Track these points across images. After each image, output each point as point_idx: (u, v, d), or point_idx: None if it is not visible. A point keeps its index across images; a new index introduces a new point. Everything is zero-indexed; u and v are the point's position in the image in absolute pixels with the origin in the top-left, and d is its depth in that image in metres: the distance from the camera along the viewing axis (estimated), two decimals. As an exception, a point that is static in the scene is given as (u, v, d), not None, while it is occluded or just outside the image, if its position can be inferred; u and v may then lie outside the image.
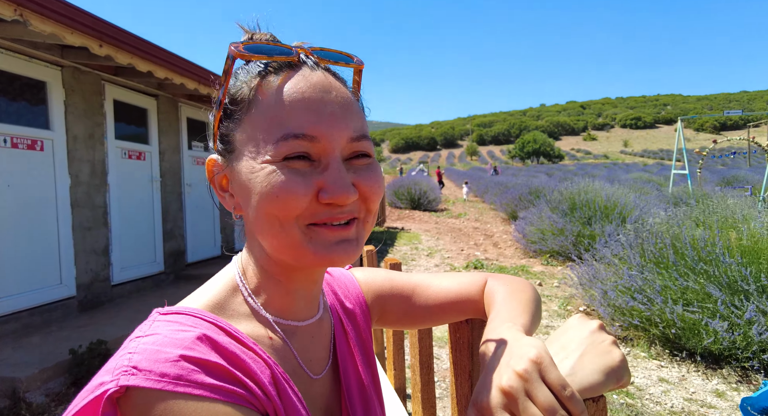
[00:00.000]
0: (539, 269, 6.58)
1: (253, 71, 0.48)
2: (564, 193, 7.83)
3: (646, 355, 3.51)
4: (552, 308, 4.72)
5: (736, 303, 3.17)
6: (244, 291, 0.50)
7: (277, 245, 0.46)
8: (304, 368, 0.51)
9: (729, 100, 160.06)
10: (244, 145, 0.46)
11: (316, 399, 0.51)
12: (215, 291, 0.50)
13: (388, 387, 1.07)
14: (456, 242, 9.18)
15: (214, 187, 0.51)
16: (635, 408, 2.76)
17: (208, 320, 0.44)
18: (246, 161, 0.46)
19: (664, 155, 67.06)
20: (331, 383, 0.55)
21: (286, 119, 0.44)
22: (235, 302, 0.49)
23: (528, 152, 67.77)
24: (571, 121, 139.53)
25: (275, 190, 0.43)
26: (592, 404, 0.41)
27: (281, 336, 0.50)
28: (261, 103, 0.46)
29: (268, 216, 0.44)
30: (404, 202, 15.75)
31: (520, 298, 0.62)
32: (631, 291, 3.69)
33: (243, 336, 0.45)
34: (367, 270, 0.70)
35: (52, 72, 3.77)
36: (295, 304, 0.52)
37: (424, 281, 0.68)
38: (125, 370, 0.36)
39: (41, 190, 3.66)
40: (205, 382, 0.37)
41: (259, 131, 0.45)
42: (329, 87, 0.47)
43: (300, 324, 0.52)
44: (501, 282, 0.66)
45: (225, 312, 0.48)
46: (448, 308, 0.66)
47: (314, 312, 0.55)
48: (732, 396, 2.90)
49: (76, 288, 3.93)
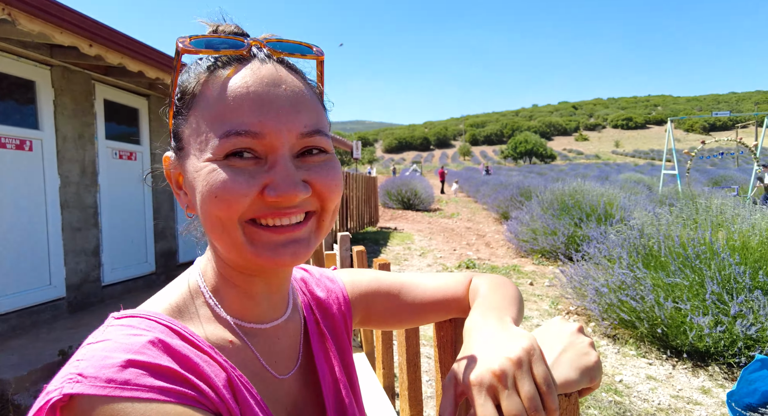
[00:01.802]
0: (531, 268, 6.63)
1: (203, 66, 0.46)
2: (555, 193, 7.90)
3: (635, 354, 3.56)
4: (543, 307, 4.76)
5: (724, 300, 3.23)
6: (205, 294, 0.49)
7: (222, 246, 0.45)
8: (269, 369, 0.50)
9: (718, 101, 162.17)
10: (190, 142, 0.45)
11: (283, 399, 0.50)
12: (175, 294, 0.49)
13: (376, 386, 1.08)
14: (448, 242, 9.22)
15: (171, 185, 0.50)
16: (623, 406, 2.80)
17: (163, 323, 0.43)
18: (191, 159, 0.45)
19: (654, 155, 67.77)
20: (301, 382, 0.54)
21: (229, 115, 0.42)
22: (195, 305, 0.48)
23: (520, 152, 68.12)
24: (563, 121, 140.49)
25: (214, 190, 0.42)
26: (564, 398, 0.43)
27: (242, 338, 0.49)
28: (206, 98, 0.44)
29: (211, 216, 0.43)
30: (397, 202, 15.78)
31: (504, 293, 0.62)
32: (621, 289, 3.74)
33: (199, 340, 0.44)
34: (353, 271, 0.70)
35: (41, 71, 3.73)
36: (258, 307, 0.51)
37: (411, 280, 0.68)
38: (70, 378, 0.35)
39: (30, 190, 3.63)
40: (154, 385, 0.36)
41: (203, 127, 0.43)
42: (278, 80, 0.45)
43: (263, 326, 0.51)
44: (485, 279, 0.67)
45: (184, 315, 0.47)
46: (434, 307, 0.67)
47: (280, 313, 0.53)
48: (717, 393, 2.95)
49: (65, 289, 3.90)
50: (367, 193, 11.03)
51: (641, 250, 3.94)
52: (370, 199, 11.29)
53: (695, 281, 3.40)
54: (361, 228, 10.41)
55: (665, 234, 3.88)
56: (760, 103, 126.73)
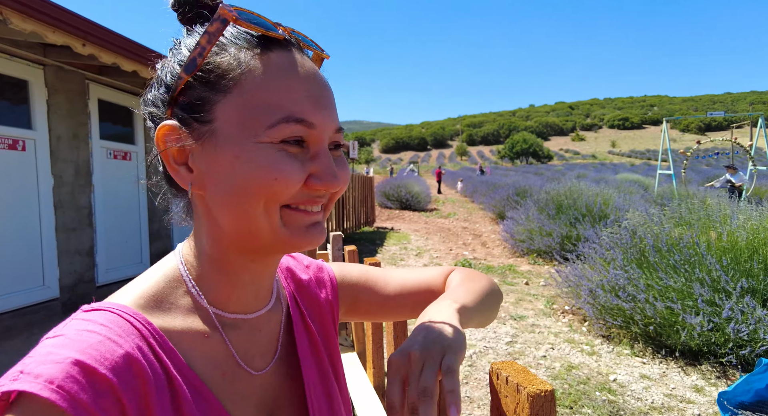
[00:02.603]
0: (526, 268, 6.65)
1: (242, 42, 0.44)
2: (551, 193, 7.92)
3: (629, 353, 3.58)
4: (538, 307, 4.78)
5: (716, 302, 3.25)
6: (188, 282, 0.47)
7: (253, 228, 0.44)
8: (242, 365, 0.49)
9: (713, 101, 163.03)
10: (231, 119, 0.43)
11: (257, 395, 0.50)
12: (152, 283, 0.47)
13: (367, 385, 1.08)
14: (445, 242, 9.23)
15: (165, 159, 0.45)
16: (617, 405, 2.81)
17: (128, 317, 0.41)
18: (234, 137, 0.42)
19: (650, 155, 68.06)
20: (281, 376, 0.53)
21: (287, 101, 0.42)
22: (174, 294, 0.47)
23: (517, 152, 68.29)
24: (559, 121, 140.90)
25: (274, 172, 0.42)
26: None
27: (219, 331, 0.48)
28: (258, 78, 0.43)
29: (254, 198, 0.42)
30: (394, 202, 15.78)
31: (471, 286, 0.65)
32: (615, 289, 3.76)
33: (161, 339, 0.42)
34: (343, 263, 0.72)
35: (34, 71, 3.72)
36: (245, 295, 0.50)
37: (397, 273, 0.71)
38: (14, 376, 0.35)
39: (23, 190, 3.61)
40: (78, 397, 0.34)
41: (254, 108, 0.42)
42: (320, 74, 0.47)
43: (247, 316, 0.50)
44: (461, 272, 0.70)
45: (161, 306, 0.45)
46: (416, 298, 0.69)
47: (264, 303, 0.53)
48: (710, 392, 2.97)
49: (59, 290, 3.88)
50: (364, 193, 11.03)
51: (634, 252, 3.96)
52: (366, 199, 11.29)
53: (685, 283, 3.42)
54: (358, 228, 10.41)
55: (655, 236, 3.90)
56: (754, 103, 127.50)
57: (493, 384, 0.52)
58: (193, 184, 0.45)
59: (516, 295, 5.19)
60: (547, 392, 0.43)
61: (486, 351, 3.65)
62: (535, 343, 3.79)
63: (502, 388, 0.49)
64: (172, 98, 0.45)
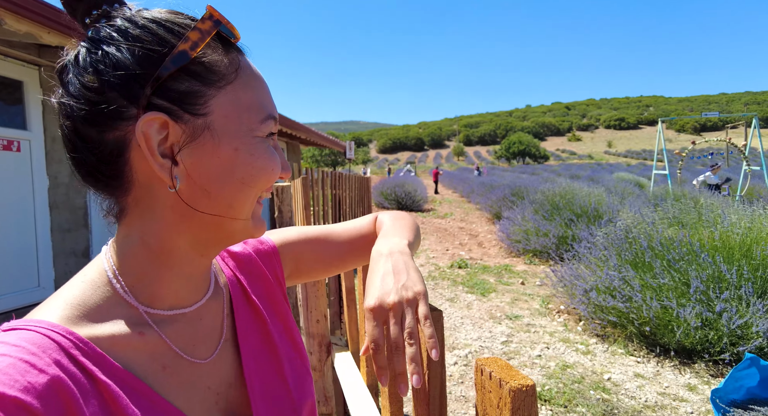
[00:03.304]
0: (522, 268, 6.68)
1: (223, 44, 0.46)
2: (546, 194, 7.96)
3: (623, 352, 3.60)
4: (533, 306, 4.80)
5: (710, 296, 3.28)
6: (116, 285, 0.46)
7: (233, 218, 0.47)
8: (184, 355, 0.48)
9: (709, 101, 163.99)
10: (229, 114, 0.45)
11: (202, 382, 0.49)
12: (76, 292, 0.45)
13: (360, 384, 1.10)
14: (441, 242, 9.25)
15: (148, 151, 0.42)
16: (611, 403, 2.83)
17: (45, 332, 0.40)
18: (233, 131, 0.45)
19: (646, 155, 68.37)
20: (226, 361, 0.52)
21: (265, 100, 0.48)
22: (101, 299, 0.45)
23: (514, 152, 68.43)
24: (556, 121, 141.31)
25: (271, 163, 0.47)
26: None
27: (154, 329, 0.46)
28: (245, 79, 0.47)
29: (253, 187, 0.46)
30: (391, 202, 15.81)
31: (403, 223, 0.73)
32: (610, 289, 3.79)
33: (86, 347, 0.41)
34: (280, 229, 0.74)
35: (29, 71, 3.71)
36: (182, 289, 0.49)
37: (330, 228, 0.75)
38: None
39: (18, 191, 3.60)
40: None
41: (247, 105, 0.46)
42: None
43: (184, 310, 0.50)
44: (387, 214, 0.78)
45: (87, 314, 0.43)
46: (353, 247, 0.74)
47: (203, 293, 0.53)
48: (703, 390, 2.99)
49: (54, 291, 3.87)
50: (360, 193, 11.03)
51: (628, 253, 3.99)
52: (363, 199, 11.30)
53: (680, 281, 3.44)
54: (355, 228, 10.41)
55: (648, 236, 3.93)
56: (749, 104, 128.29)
57: (478, 379, 0.53)
58: (180, 177, 0.44)
59: (512, 295, 5.22)
60: (528, 387, 0.44)
61: (481, 350, 3.67)
62: (530, 343, 3.82)
63: (486, 383, 0.51)
64: (158, 87, 0.42)
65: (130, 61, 0.41)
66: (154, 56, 0.42)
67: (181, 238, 0.47)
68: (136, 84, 0.41)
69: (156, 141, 0.42)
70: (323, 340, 1.19)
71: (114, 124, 0.42)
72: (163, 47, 0.42)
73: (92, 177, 0.46)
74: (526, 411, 0.44)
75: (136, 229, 0.46)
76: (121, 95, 0.41)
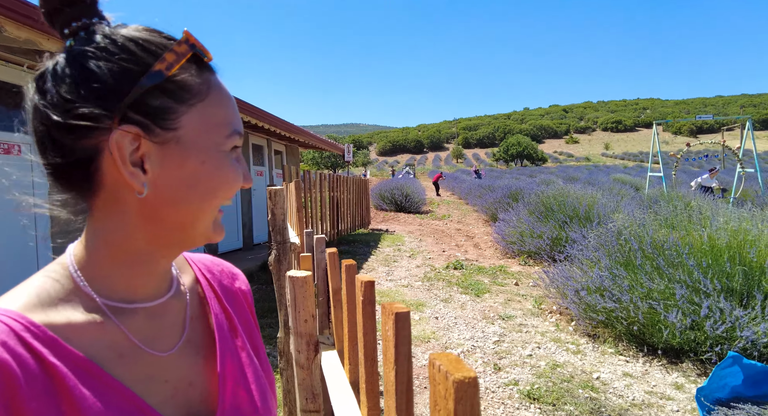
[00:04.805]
0: (517, 269, 6.74)
1: (194, 66, 0.49)
2: (541, 196, 8.03)
3: (613, 351, 3.66)
4: (526, 306, 4.86)
5: (696, 301, 3.34)
6: (76, 278, 0.49)
7: (194, 224, 0.50)
8: (143, 347, 0.50)
9: (705, 104, 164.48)
10: (197, 129, 0.48)
11: (162, 374, 0.51)
12: (35, 283, 0.48)
13: (343, 380, 1.16)
14: (438, 243, 9.31)
15: (120, 161, 0.45)
16: (599, 401, 2.89)
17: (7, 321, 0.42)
18: (200, 145, 0.49)
19: (643, 157, 68.52)
20: (189, 357, 0.54)
21: (231, 117, 0.51)
22: (59, 289, 0.48)
23: (512, 155, 68.49)
24: (553, 124, 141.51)
25: (234, 175, 0.51)
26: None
27: (112, 319, 0.49)
28: (215, 97, 0.50)
29: (215, 197, 0.50)
30: (389, 204, 15.86)
31: None
32: (600, 290, 3.85)
33: (38, 330, 0.43)
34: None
35: (30, 77, 3.76)
36: (146, 286, 0.52)
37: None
38: None
39: (18, 194, 3.65)
40: None
41: (215, 121, 0.50)
42: None
43: (146, 304, 0.52)
44: None
45: (43, 302, 0.46)
46: None
47: (164, 292, 0.55)
48: (690, 389, 3.06)
49: (53, 293, 3.92)
50: (359, 196, 11.09)
51: (619, 255, 4.06)
52: (361, 201, 11.36)
53: (667, 285, 3.51)
54: (353, 230, 10.47)
55: (639, 238, 4.00)
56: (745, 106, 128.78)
57: (431, 372, 0.59)
58: (149, 185, 0.47)
59: (505, 296, 5.28)
60: (470, 378, 0.50)
61: (474, 350, 3.73)
62: (522, 342, 3.87)
63: (436, 376, 0.56)
64: (133, 102, 0.45)
65: (108, 77, 0.44)
66: (131, 74, 0.45)
67: (144, 239, 0.50)
68: (113, 98, 0.44)
69: (128, 151, 0.45)
70: (311, 339, 1.24)
71: (89, 133, 0.45)
72: (139, 66, 0.45)
73: (62, 179, 0.50)
74: (468, 401, 0.50)
75: (100, 229, 0.50)
76: (97, 107, 0.44)
